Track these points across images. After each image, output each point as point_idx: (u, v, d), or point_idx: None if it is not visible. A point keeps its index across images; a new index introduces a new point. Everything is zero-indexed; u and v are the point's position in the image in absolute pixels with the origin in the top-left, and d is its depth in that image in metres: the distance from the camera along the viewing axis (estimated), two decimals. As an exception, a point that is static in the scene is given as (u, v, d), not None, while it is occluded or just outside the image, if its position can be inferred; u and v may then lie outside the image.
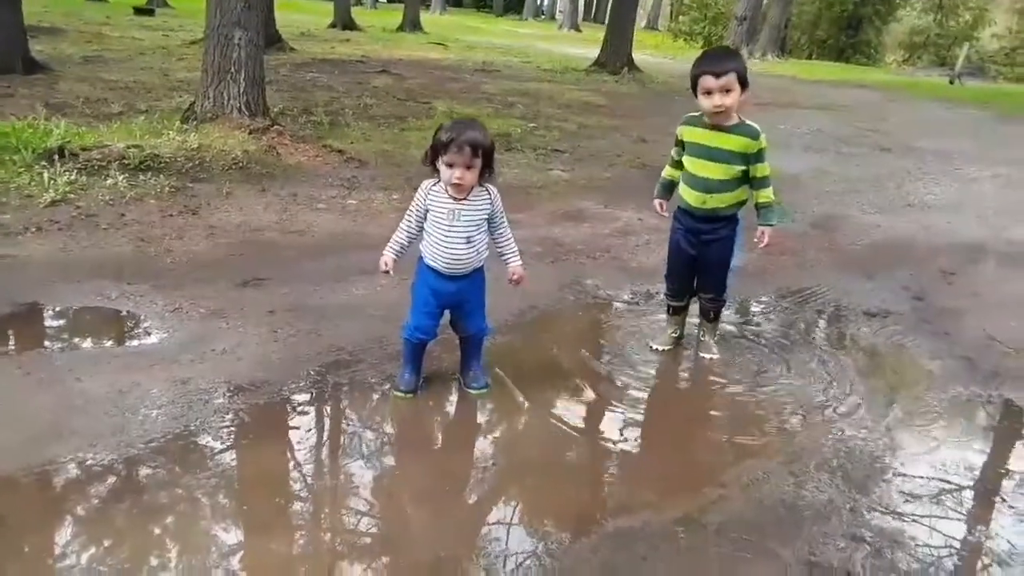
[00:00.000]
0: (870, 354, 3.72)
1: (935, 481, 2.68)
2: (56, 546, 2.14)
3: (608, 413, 3.05)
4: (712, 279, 3.45)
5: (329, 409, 2.96)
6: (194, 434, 2.62)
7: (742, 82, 3.11)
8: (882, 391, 3.31)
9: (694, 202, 3.30)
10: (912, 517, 2.47)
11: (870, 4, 31.55)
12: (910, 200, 7.03)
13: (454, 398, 3.04)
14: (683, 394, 3.39)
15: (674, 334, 3.61)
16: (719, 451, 2.86)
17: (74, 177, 5.12)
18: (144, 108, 7.74)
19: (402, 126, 8.35)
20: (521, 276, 3.00)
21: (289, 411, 2.87)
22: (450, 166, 2.73)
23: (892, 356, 3.75)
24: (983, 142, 10.73)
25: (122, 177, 5.23)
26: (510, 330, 3.61)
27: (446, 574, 2.12)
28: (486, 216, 2.87)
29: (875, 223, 6.09)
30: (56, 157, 5.34)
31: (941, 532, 2.42)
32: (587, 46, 21.71)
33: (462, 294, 2.94)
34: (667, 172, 3.47)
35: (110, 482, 2.37)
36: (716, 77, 3.08)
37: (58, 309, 3.59)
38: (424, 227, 2.87)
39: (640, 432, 2.96)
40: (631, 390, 3.20)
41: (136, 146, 5.73)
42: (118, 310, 3.57)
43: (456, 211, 2.82)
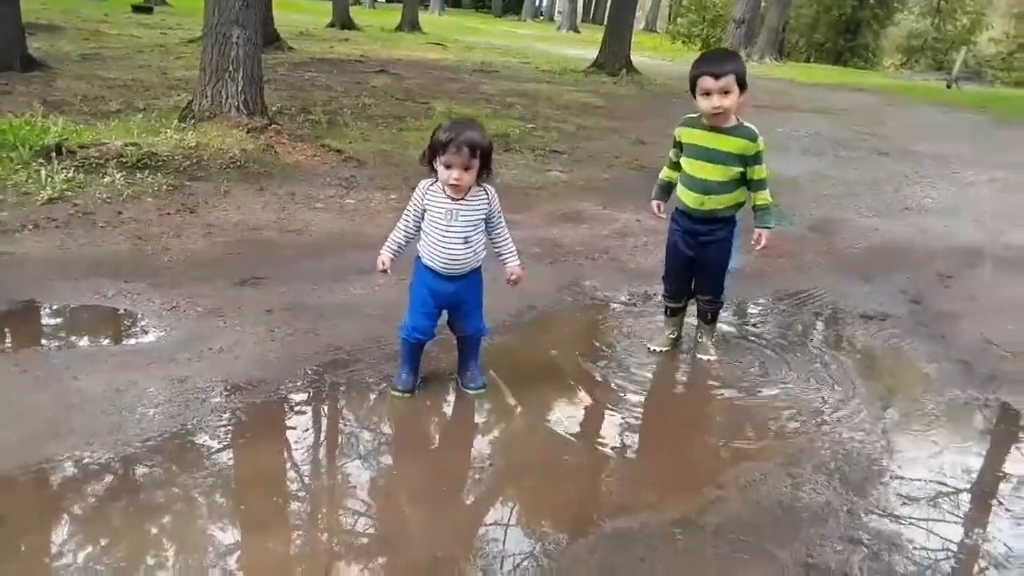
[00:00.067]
0: (867, 357, 3.73)
1: (932, 484, 2.68)
2: (53, 544, 2.13)
3: (606, 414, 3.06)
4: (710, 281, 3.45)
5: (326, 409, 2.96)
6: (191, 433, 2.61)
7: (741, 84, 3.12)
8: (879, 394, 3.32)
9: (692, 203, 3.30)
10: (909, 520, 2.47)
11: (868, 8, 31.66)
12: (908, 204, 7.05)
13: (452, 398, 3.04)
14: (680, 395, 3.39)
15: (672, 335, 3.61)
16: (716, 452, 2.86)
17: (71, 175, 5.11)
18: (142, 106, 7.72)
19: (400, 126, 8.34)
20: (519, 276, 2.99)
21: (286, 410, 2.87)
22: (448, 167, 2.73)
23: (889, 359, 3.76)
24: (980, 146, 10.76)
25: (120, 175, 5.22)
26: (508, 330, 3.61)
27: (443, 574, 2.12)
28: (484, 216, 2.87)
29: (873, 226, 6.10)
30: (53, 155, 5.32)
31: (938, 535, 2.42)
32: (585, 47, 21.74)
33: (460, 294, 2.93)
34: (665, 174, 3.47)
35: (107, 480, 2.37)
36: (715, 79, 3.08)
37: (55, 307, 3.58)
38: (422, 227, 2.86)
39: (637, 433, 2.96)
40: (629, 391, 3.20)
41: (134, 144, 5.72)
42: (115, 308, 3.56)
43: (454, 211, 2.81)
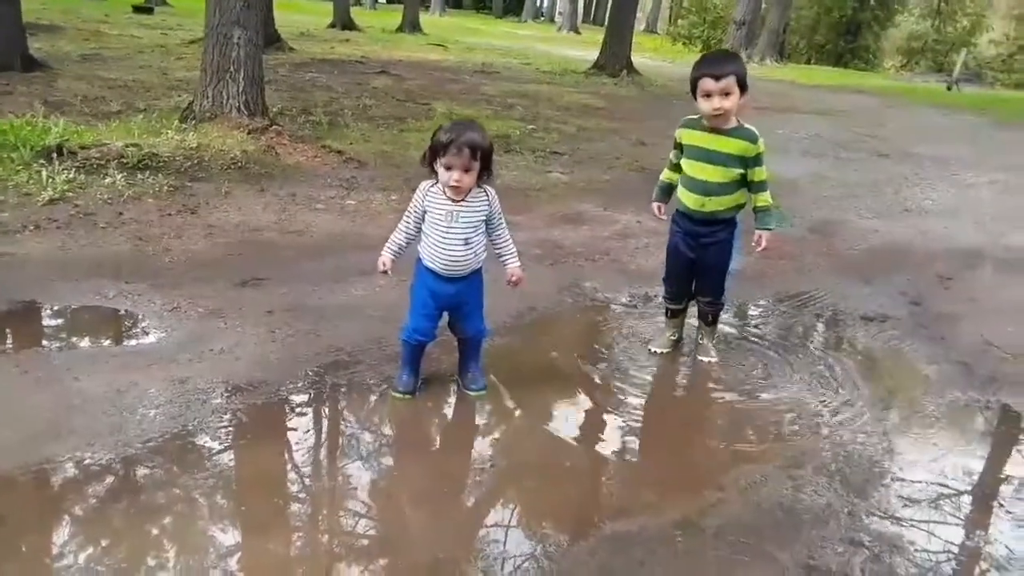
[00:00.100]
0: (867, 358, 3.73)
1: (933, 486, 2.68)
2: (54, 545, 2.13)
3: (606, 416, 3.06)
4: (710, 282, 3.46)
5: (327, 410, 2.96)
6: (192, 434, 2.62)
7: (741, 86, 3.12)
8: (880, 395, 3.32)
9: (693, 205, 3.30)
10: (910, 522, 2.47)
11: (868, 9, 31.68)
12: (908, 205, 7.05)
13: (452, 399, 3.04)
14: (681, 397, 3.39)
15: (672, 337, 3.61)
16: (717, 454, 2.86)
17: (72, 175, 5.11)
18: (143, 107, 7.72)
19: (401, 127, 8.34)
20: (520, 277, 2.99)
21: (287, 412, 2.87)
22: (448, 168, 2.72)
23: (889, 360, 3.76)
24: (980, 148, 10.75)
25: (120, 176, 5.22)
26: (509, 332, 3.61)
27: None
28: (484, 218, 2.87)
29: (873, 228, 6.10)
30: (54, 155, 5.33)
31: (939, 537, 2.42)
32: (586, 48, 21.74)
33: (460, 296, 2.93)
34: (665, 175, 3.47)
35: (108, 481, 2.37)
36: (716, 80, 3.08)
37: (56, 308, 3.58)
38: (422, 228, 2.86)
39: (638, 435, 2.96)
40: (629, 393, 3.20)
41: (134, 145, 5.72)
42: (116, 309, 3.56)
43: (454, 213, 2.81)
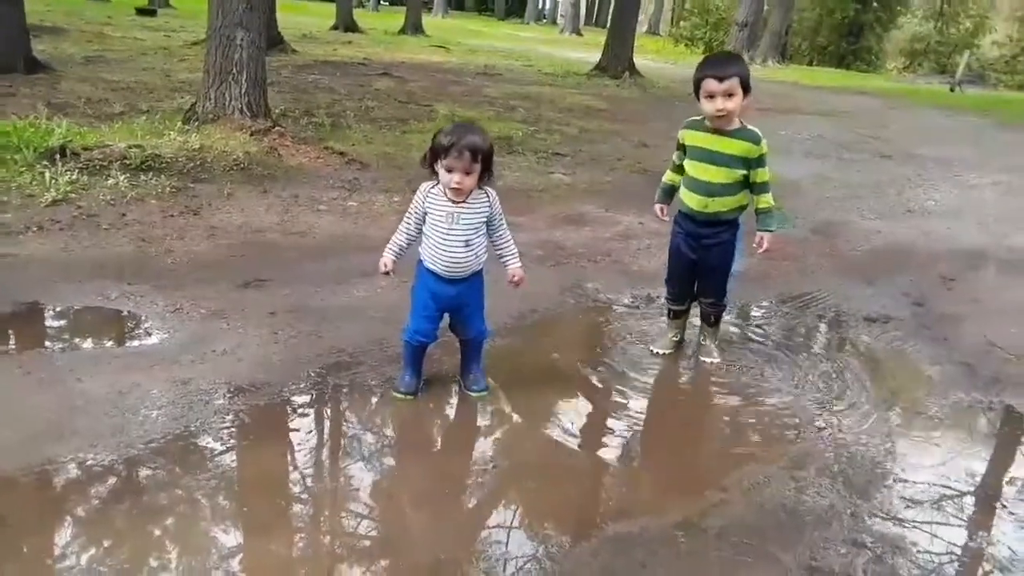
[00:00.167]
0: (870, 359, 3.72)
1: (936, 487, 2.67)
2: (56, 546, 2.13)
3: (608, 417, 3.06)
4: (712, 284, 3.45)
5: (329, 411, 2.96)
6: (194, 435, 2.62)
7: (745, 87, 3.12)
8: (883, 396, 3.31)
9: (696, 206, 3.30)
10: (913, 523, 2.46)
11: (871, 11, 31.60)
12: (910, 206, 7.04)
13: (454, 400, 3.04)
14: (683, 398, 3.38)
15: (675, 338, 3.61)
16: (719, 455, 2.86)
17: (75, 177, 5.12)
18: (146, 108, 7.74)
19: (404, 129, 8.35)
20: (521, 277, 2.99)
21: (289, 413, 2.87)
22: (449, 171, 2.72)
23: (892, 362, 3.75)
24: (983, 149, 10.74)
25: (123, 177, 5.23)
26: (510, 333, 3.60)
27: (446, 577, 2.12)
28: (485, 219, 2.87)
29: (876, 229, 6.09)
30: (57, 157, 5.34)
31: (942, 538, 2.41)
32: (588, 50, 21.74)
33: (461, 298, 2.93)
34: (668, 177, 3.47)
35: (110, 483, 2.37)
36: (719, 81, 3.08)
37: (59, 309, 3.59)
38: (423, 230, 2.86)
39: (640, 436, 2.96)
40: (631, 394, 3.19)
41: (137, 146, 5.73)
42: (119, 310, 3.57)
43: (455, 214, 2.81)
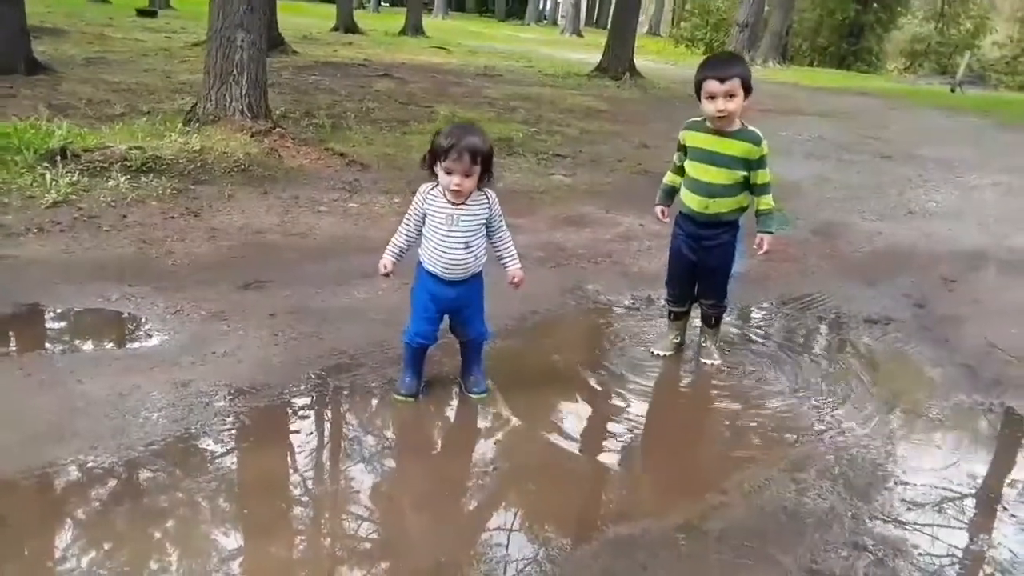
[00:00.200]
0: (871, 361, 3.71)
1: (937, 489, 2.67)
2: (56, 548, 2.13)
3: (609, 419, 3.05)
4: (713, 285, 3.45)
5: (330, 413, 2.96)
6: (194, 437, 2.61)
7: (746, 88, 3.12)
8: (883, 398, 3.30)
9: (696, 207, 3.30)
10: (914, 525, 2.46)
11: (871, 12, 31.58)
12: (911, 207, 7.03)
13: (455, 402, 3.04)
14: (684, 400, 3.38)
15: (675, 339, 3.61)
16: (720, 457, 2.86)
17: (76, 178, 5.12)
18: (146, 110, 7.74)
19: (404, 130, 8.35)
20: (521, 278, 2.98)
21: (290, 414, 2.86)
22: (449, 173, 2.71)
23: (893, 363, 3.75)
24: (984, 150, 10.73)
25: (124, 179, 5.24)
26: (511, 335, 3.60)
27: (446, 579, 2.12)
28: (484, 221, 2.86)
29: (876, 230, 6.09)
30: (58, 158, 5.34)
31: (943, 541, 2.41)
32: (589, 51, 21.75)
33: (461, 299, 2.93)
34: (668, 178, 3.47)
35: (110, 485, 2.37)
36: (720, 82, 3.08)
37: (59, 310, 3.59)
38: (423, 232, 2.86)
39: (641, 438, 2.95)
40: (632, 396, 3.19)
41: (138, 148, 5.73)
42: (119, 312, 3.57)
43: (454, 216, 2.80)
